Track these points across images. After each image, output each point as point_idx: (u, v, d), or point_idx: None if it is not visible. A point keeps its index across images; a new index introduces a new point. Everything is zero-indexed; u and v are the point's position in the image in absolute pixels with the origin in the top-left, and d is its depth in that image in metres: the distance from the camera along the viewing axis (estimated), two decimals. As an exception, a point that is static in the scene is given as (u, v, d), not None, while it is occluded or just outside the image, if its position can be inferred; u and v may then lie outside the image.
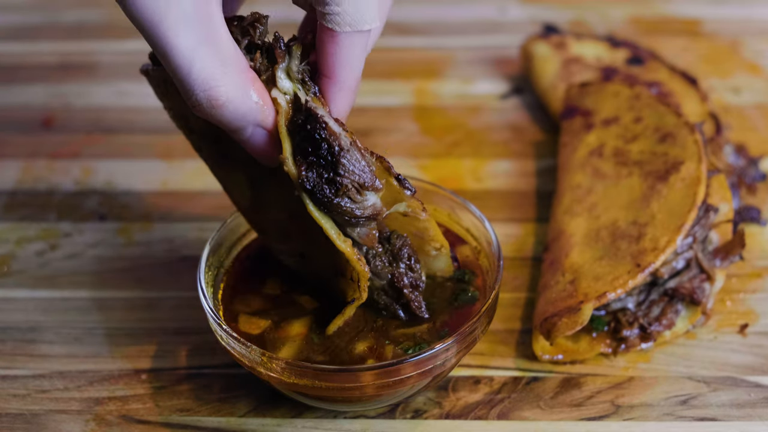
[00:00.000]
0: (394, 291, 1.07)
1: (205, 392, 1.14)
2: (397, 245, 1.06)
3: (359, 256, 1.01)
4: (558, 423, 1.10)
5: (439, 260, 1.11)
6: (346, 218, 0.99)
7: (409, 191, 1.01)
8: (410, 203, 1.02)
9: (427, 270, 1.11)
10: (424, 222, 1.05)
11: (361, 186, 0.98)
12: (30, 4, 1.82)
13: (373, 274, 1.05)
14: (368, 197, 0.99)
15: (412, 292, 1.07)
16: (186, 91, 0.94)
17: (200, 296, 1.09)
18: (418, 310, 1.08)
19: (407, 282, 1.07)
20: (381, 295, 1.08)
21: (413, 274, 1.07)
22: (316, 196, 0.97)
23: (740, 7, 1.75)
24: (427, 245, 1.09)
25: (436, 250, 1.10)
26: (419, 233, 1.07)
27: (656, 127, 1.30)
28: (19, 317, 1.24)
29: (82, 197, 1.42)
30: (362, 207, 0.99)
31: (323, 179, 0.97)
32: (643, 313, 1.17)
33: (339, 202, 0.98)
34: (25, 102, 1.59)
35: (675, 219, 1.18)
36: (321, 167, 0.96)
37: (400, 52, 1.69)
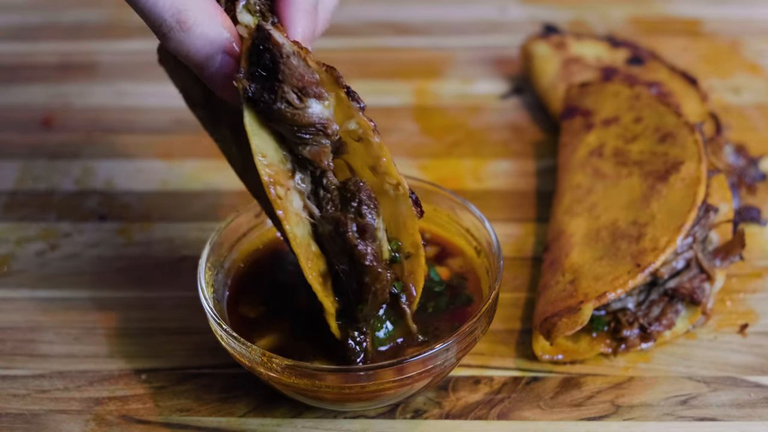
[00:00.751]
0: (339, 237, 0.99)
1: (205, 392, 1.14)
2: (351, 188, 0.99)
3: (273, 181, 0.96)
4: (558, 423, 1.10)
5: (400, 203, 1.02)
6: (293, 129, 0.96)
7: (358, 104, 0.98)
8: (359, 121, 0.98)
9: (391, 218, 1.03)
10: (376, 149, 0.99)
11: (301, 91, 0.95)
12: (30, 4, 1.82)
13: (324, 220, 0.99)
14: (311, 104, 0.95)
15: (358, 238, 0.98)
16: (155, 21, 0.96)
17: (200, 296, 1.09)
18: (363, 258, 0.98)
19: (353, 227, 0.98)
20: (331, 244, 1.00)
21: (362, 219, 0.98)
22: (258, 105, 0.95)
23: (740, 7, 1.75)
24: (384, 183, 1.01)
25: (393, 189, 1.01)
26: (376, 167, 1.00)
27: (656, 127, 1.30)
28: (19, 317, 1.24)
29: (82, 197, 1.42)
30: (304, 114, 0.95)
31: (264, 87, 0.95)
32: (643, 313, 1.17)
33: (279, 108, 0.95)
34: (25, 102, 1.59)
35: (675, 219, 1.18)
36: (264, 77, 0.95)
37: (400, 52, 1.69)
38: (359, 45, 1.70)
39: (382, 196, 1.02)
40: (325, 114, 0.97)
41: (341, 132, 0.98)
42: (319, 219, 0.99)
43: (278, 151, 0.98)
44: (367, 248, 0.99)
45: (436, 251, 1.19)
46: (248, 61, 0.96)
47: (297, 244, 0.98)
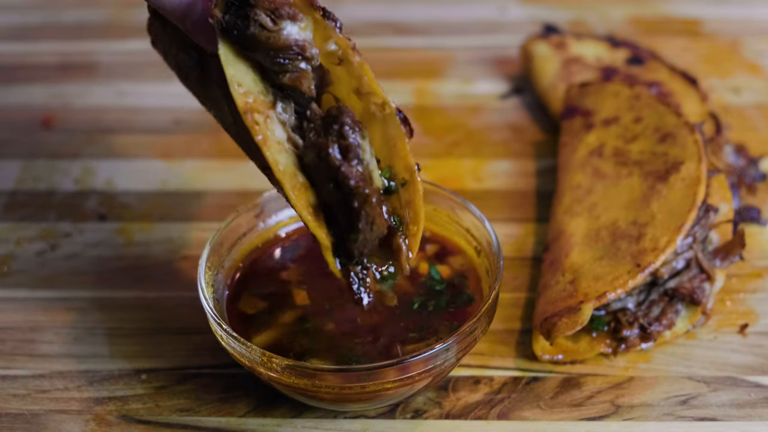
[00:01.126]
0: (321, 161, 0.94)
1: (205, 392, 1.14)
2: (333, 113, 0.95)
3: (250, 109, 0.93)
4: (558, 423, 1.10)
5: (388, 124, 0.98)
6: (270, 55, 0.93)
7: (334, 23, 0.95)
8: (338, 40, 0.95)
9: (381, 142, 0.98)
10: (357, 68, 0.96)
11: (273, 12, 0.92)
12: (30, 4, 1.82)
13: (306, 148, 0.95)
14: (285, 26, 0.93)
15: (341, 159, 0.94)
16: None
17: (200, 296, 1.09)
18: (348, 179, 0.93)
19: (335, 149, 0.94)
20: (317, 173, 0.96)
21: (344, 140, 0.94)
22: (231, 34, 0.92)
23: (740, 7, 1.75)
24: (369, 104, 0.97)
25: (380, 110, 0.97)
26: (359, 89, 0.97)
27: (656, 127, 1.30)
28: (19, 317, 1.24)
29: (82, 197, 1.41)
30: (279, 36, 0.93)
31: (237, 15, 0.93)
32: (643, 313, 1.17)
33: (253, 32, 0.92)
34: (25, 102, 1.59)
35: (675, 219, 1.18)
36: (236, 6, 0.93)
37: (400, 52, 1.69)
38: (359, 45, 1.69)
39: (369, 121, 0.98)
40: (301, 36, 0.94)
41: (322, 57, 0.95)
42: (302, 148, 0.95)
43: (258, 83, 0.95)
44: (351, 169, 0.94)
45: (437, 249, 1.19)
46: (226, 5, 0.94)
47: (280, 172, 0.93)
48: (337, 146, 0.94)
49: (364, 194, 0.94)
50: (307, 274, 1.17)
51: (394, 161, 0.99)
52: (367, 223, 0.96)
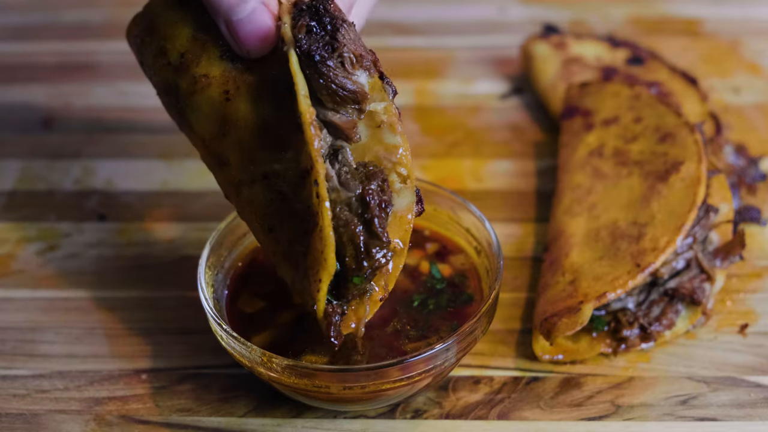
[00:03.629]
0: (360, 205, 0.98)
1: (205, 392, 1.14)
2: (372, 168, 0.99)
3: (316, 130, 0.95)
4: (558, 423, 1.10)
5: (403, 195, 1.01)
6: (333, 91, 0.96)
7: (391, 89, 0.99)
8: (388, 107, 0.99)
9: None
10: (397, 138, 1.00)
11: (357, 59, 0.97)
12: (30, 4, 1.82)
13: (341, 186, 0.98)
14: (359, 74, 0.97)
15: (380, 209, 0.98)
16: None
17: (200, 296, 1.09)
18: (381, 230, 0.98)
19: (376, 199, 0.98)
20: (344, 210, 0.98)
21: (384, 195, 0.99)
22: (310, 56, 0.95)
23: (740, 7, 1.75)
24: (392, 173, 1.01)
25: (402, 182, 1.01)
26: (387, 155, 1.00)
27: (656, 127, 1.30)
28: (19, 317, 1.24)
29: (82, 197, 1.42)
30: (350, 80, 0.97)
31: (320, 41, 0.96)
32: (643, 313, 1.17)
33: (331, 65, 0.96)
34: (25, 102, 1.59)
35: (675, 219, 1.18)
36: (319, 34, 0.96)
37: (400, 52, 1.69)
38: (359, 45, 1.70)
39: None
40: (366, 89, 0.98)
41: (368, 117, 0.99)
42: (334, 185, 0.98)
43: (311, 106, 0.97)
44: (384, 222, 0.98)
45: (437, 248, 1.19)
46: (294, 17, 0.96)
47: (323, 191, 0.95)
48: (377, 199, 0.98)
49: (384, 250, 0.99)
50: None
51: (393, 231, 1.01)
52: (372, 273, 1.00)
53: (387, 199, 0.98)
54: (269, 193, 1.00)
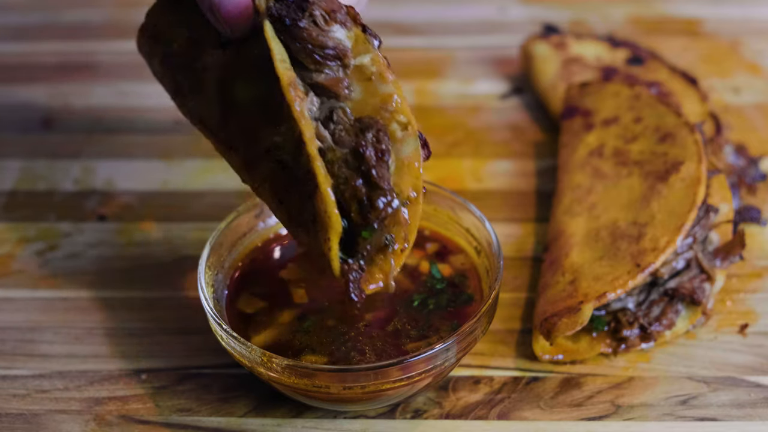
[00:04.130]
0: (355, 159, 0.98)
1: (205, 392, 1.14)
2: (366, 121, 0.99)
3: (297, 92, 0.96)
4: (558, 423, 1.10)
5: (406, 144, 1.00)
6: (312, 51, 0.97)
7: (375, 40, 1.00)
8: (374, 57, 0.99)
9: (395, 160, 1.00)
10: (389, 86, 0.99)
11: (329, 14, 0.97)
12: (30, 4, 1.82)
13: (336, 144, 0.98)
14: (335, 29, 0.97)
15: (377, 159, 0.98)
16: None
17: (200, 296, 1.09)
18: (380, 180, 0.98)
19: (371, 150, 0.98)
20: (341, 168, 0.98)
21: (380, 144, 0.98)
22: (282, 22, 0.96)
23: (740, 7, 1.75)
24: (392, 122, 1.00)
25: (403, 129, 1.00)
26: (384, 106, 0.99)
27: (656, 127, 1.30)
28: (19, 317, 1.24)
29: (82, 197, 1.42)
30: (327, 36, 0.97)
31: (290, 6, 0.97)
32: (643, 313, 1.17)
33: (305, 26, 0.96)
34: (25, 102, 1.59)
35: (675, 219, 1.18)
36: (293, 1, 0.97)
37: (400, 52, 1.69)
38: (359, 45, 1.70)
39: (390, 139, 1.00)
40: (346, 42, 0.98)
41: (355, 70, 0.99)
42: (329, 143, 0.98)
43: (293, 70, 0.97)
44: (384, 171, 0.98)
45: (437, 248, 1.19)
46: None
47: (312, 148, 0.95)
48: (373, 149, 0.97)
49: (389, 197, 0.98)
50: (306, 273, 1.17)
51: (404, 179, 1.00)
52: (380, 225, 0.99)
53: (384, 148, 0.97)
54: (274, 166, 1.00)
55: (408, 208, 1.00)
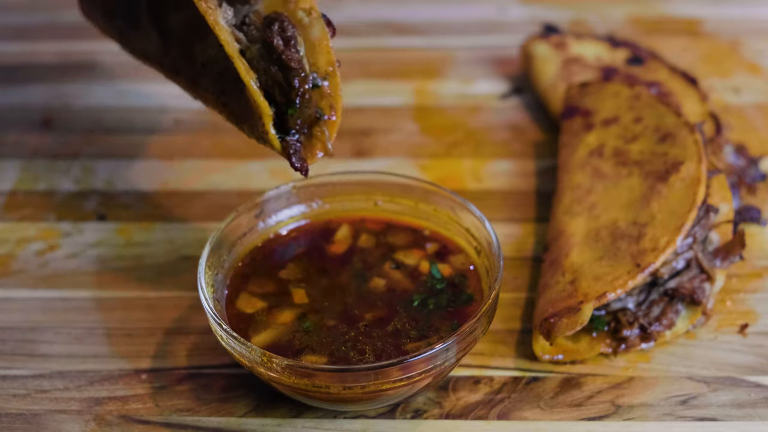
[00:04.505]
0: (268, 51, 1.09)
1: (205, 392, 1.14)
2: (271, 16, 1.10)
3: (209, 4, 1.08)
4: (558, 423, 1.10)
5: (313, 27, 1.10)
6: None
7: None
8: None
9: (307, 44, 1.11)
10: None
11: None
12: (30, 4, 1.82)
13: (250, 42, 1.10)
14: None
15: (285, 46, 1.09)
16: None
17: (200, 296, 1.09)
18: (291, 61, 1.08)
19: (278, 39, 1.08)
20: (259, 61, 1.10)
21: (285, 33, 1.09)
22: None
23: (740, 7, 1.75)
24: (297, 11, 1.10)
25: (307, 15, 1.10)
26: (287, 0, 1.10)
27: (656, 127, 1.30)
28: (19, 317, 1.24)
29: (82, 197, 1.42)
30: None
31: None
32: (643, 313, 1.17)
33: None
34: (25, 102, 1.59)
35: (675, 219, 1.18)
36: None
37: (400, 52, 1.69)
38: (359, 45, 1.70)
39: (298, 26, 1.10)
40: None
41: None
42: (245, 43, 1.10)
43: None
44: (293, 53, 1.09)
45: (437, 248, 1.19)
46: None
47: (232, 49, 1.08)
48: (279, 38, 1.09)
49: (302, 74, 1.10)
50: (306, 273, 1.17)
51: (318, 57, 1.11)
52: (303, 99, 1.10)
53: (289, 35, 1.09)
54: (212, 76, 1.15)
55: (328, 81, 1.11)
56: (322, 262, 1.18)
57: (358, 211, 1.24)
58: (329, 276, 1.17)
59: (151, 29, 1.20)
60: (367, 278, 1.16)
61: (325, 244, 1.21)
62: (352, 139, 1.44)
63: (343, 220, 1.23)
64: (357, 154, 1.46)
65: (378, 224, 1.23)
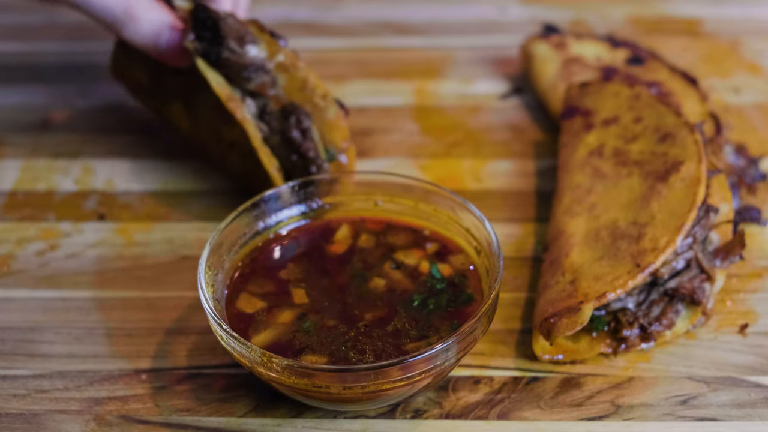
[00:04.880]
0: (285, 140, 1.29)
1: (205, 392, 1.14)
2: (288, 108, 1.29)
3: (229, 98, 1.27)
4: (558, 423, 1.10)
5: (328, 109, 1.30)
6: (239, 71, 1.27)
7: (282, 41, 1.29)
8: (286, 53, 1.29)
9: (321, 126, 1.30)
10: (303, 72, 1.29)
11: (240, 40, 1.27)
12: (30, 4, 1.81)
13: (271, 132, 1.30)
14: (249, 49, 1.27)
15: (302, 138, 1.29)
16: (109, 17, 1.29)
17: (200, 296, 1.09)
18: (307, 151, 1.29)
19: (296, 132, 1.28)
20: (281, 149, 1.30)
21: (302, 125, 1.28)
22: (209, 57, 1.27)
23: (740, 7, 1.75)
24: (314, 97, 1.30)
25: (323, 99, 1.30)
26: (304, 86, 1.30)
27: (656, 127, 1.30)
28: (19, 317, 1.24)
29: (82, 197, 1.42)
30: (244, 56, 1.27)
31: (211, 43, 1.27)
32: (643, 313, 1.17)
33: (226, 56, 1.27)
34: (25, 102, 1.59)
35: (675, 219, 1.18)
36: (209, 37, 1.27)
37: (400, 52, 1.69)
38: (359, 45, 1.70)
39: (312, 110, 1.30)
40: (261, 55, 1.28)
41: (275, 67, 1.29)
42: (267, 132, 1.30)
43: (228, 86, 1.29)
44: (309, 144, 1.29)
45: (437, 248, 1.20)
46: (192, 30, 1.27)
47: (258, 140, 1.28)
48: (297, 130, 1.29)
49: (318, 162, 1.30)
50: (306, 273, 1.17)
51: (334, 135, 1.31)
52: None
53: (305, 126, 1.29)
54: (238, 156, 1.33)
55: (345, 154, 1.32)
56: (322, 262, 1.19)
57: (358, 211, 1.24)
58: (329, 276, 1.17)
59: (182, 109, 1.39)
60: (367, 278, 1.16)
61: (325, 244, 1.21)
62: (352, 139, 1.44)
63: (343, 220, 1.23)
64: (357, 154, 1.46)
65: (378, 224, 1.23)
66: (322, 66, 1.43)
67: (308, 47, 1.64)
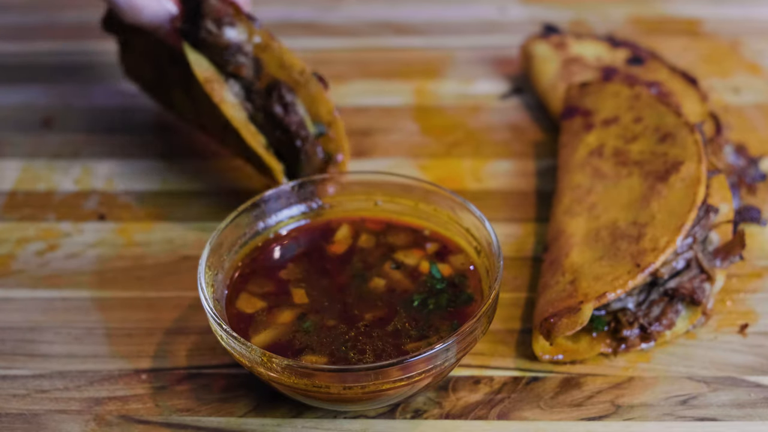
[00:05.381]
0: (270, 117, 1.30)
1: (205, 392, 1.14)
2: (271, 85, 1.30)
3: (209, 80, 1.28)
4: (558, 423, 1.10)
5: (309, 83, 1.31)
6: (218, 52, 1.28)
7: (255, 21, 1.30)
8: (260, 33, 1.30)
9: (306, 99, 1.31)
10: (277, 51, 1.30)
11: (218, 21, 1.28)
12: (30, 4, 1.82)
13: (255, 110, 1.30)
14: (226, 31, 1.28)
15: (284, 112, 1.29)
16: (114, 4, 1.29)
17: (200, 296, 1.09)
18: (291, 125, 1.29)
19: (278, 107, 1.29)
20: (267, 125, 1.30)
21: (284, 99, 1.29)
22: (189, 37, 1.28)
23: (740, 7, 1.75)
24: (292, 72, 1.30)
25: (300, 75, 1.30)
26: (282, 63, 1.30)
27: (656, 127, 1.30)
28: (19, 317, 1.24)
29: (82, 197, 1.42)
30: (221, 38, 1.28)
31: (192, 23, 1.28)
32: (643, 313, 1.17)
33: (204, 37, 1.28)
34: (25, 102, 1.59)
35: (675, 219, 1.18)
36: (192, 17, 1.28)
37: (400, 52, 1.69)
38: (359, 45, 1.70)
39: (295, 87, 1.30)
40: (239, 37, 1.29)
41: (254, 49, 1.30)
42: (252, 111, 1.31)
43: (211, 68, 1.30)
44: (291, 118, 1.29)
45: (437, 248, 1.19)
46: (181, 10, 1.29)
47: (237, 121, 1.29)
48: (279, 105, 1.30)
49: (303, 135, 1.30)
50: (306, 273, 1.17)
51: (319, 108, 1.31)
52: (306, 156, 1.30)
53: (288, 101, 1.29)
54: (233, 136, 1.32)
55: (332, 127, 1.32)
56: (322, 262, 1.19)
57: (358, 211, 1.24)
58: (329, 276, 1.17)
59: (184, 96, 1.39)
60: (367, 278, 1.16)
61: (325, 244, 1.21)
62: (352, 139, 1.44)
63: (343, 220, 1.23)
64: (357, 154, 1.46)
65: (378, 224, 1.23)
66: (322, 66, 1.43)
67: (308, 47, 1.65)
